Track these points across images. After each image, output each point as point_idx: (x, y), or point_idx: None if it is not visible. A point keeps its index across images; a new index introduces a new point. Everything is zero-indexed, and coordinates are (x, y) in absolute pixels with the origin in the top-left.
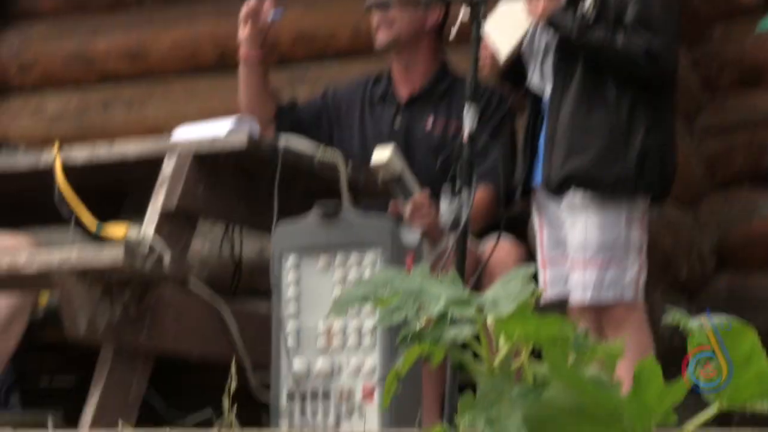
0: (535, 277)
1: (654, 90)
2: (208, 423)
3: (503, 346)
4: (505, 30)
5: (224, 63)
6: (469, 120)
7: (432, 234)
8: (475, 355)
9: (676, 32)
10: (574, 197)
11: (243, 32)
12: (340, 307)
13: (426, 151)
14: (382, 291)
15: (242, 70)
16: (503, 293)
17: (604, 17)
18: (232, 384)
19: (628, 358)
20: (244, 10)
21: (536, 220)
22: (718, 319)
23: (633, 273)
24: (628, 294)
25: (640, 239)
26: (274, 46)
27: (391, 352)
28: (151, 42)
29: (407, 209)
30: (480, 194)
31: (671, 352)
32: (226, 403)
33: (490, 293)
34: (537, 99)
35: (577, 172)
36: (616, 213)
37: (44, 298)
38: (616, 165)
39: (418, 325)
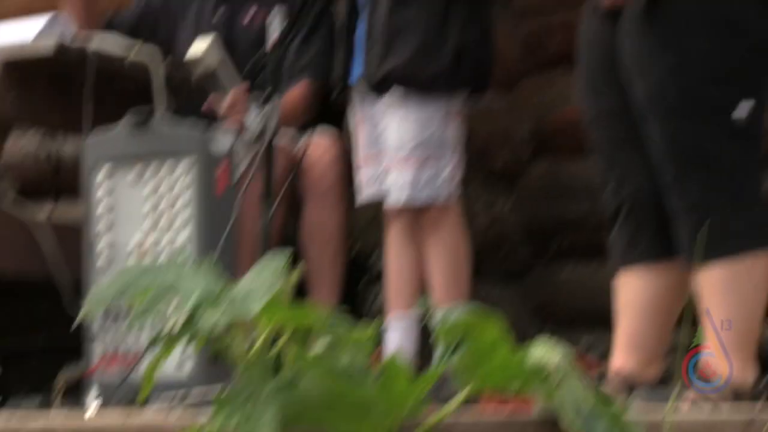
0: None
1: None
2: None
3: (258, 339)
4: None
5: None
6: (276, 25)
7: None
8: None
9: None
10: (392, 95)
11: None
12: (95, 304)
13: (247, 45)
14: (138, 285)
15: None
16: (256, 285)
17: None
18: None
19: (443, 259)
20: None
21: (355, 117)
22: (465, 310)
23: (448, 172)
24: (444, 194)
25: (456, 135)
26: None
27: None
28: None
29: (223, 105)
30: (298, 89)
31: (487, 246)
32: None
33: (243, 285)
34: None
35: (395, 71)
36: (432, 110)
37: None
38: (432, 61)
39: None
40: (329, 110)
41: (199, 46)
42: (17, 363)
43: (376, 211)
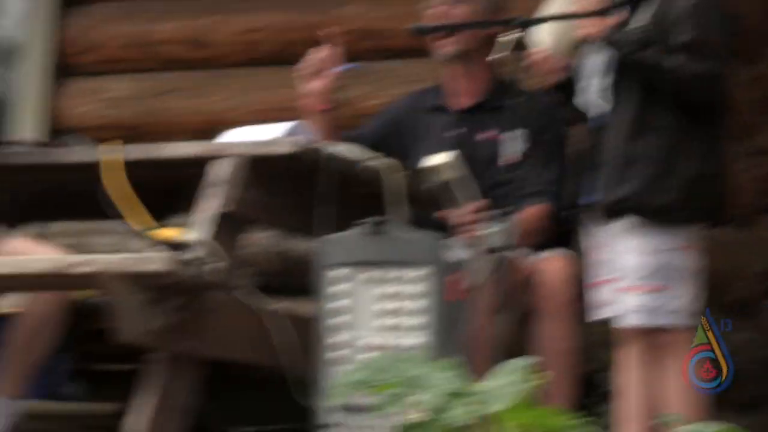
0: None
1: (707, 115)
2: None
3: None
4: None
5: (285, 55)
6: (514, 146)
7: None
8: None
9: (729, 54)
10: (627, 222)
11: (310, 85)
12: (338, 392)
13: (481, 162)
14: (383, 375)
15: (308, 120)
16: (502, 385)
17: (659, 37)
18: None
19: (680, 385)
20: (313, 61)
21: (588, 238)
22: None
23: (687, 299)
24: (682, 320)
25: (694, 265)
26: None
27: None
28: (213, 31)
29: (457, 216)
30: (535, 210)
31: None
32: None
33: (486, 385)
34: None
35: (627, 199)
36: (669, 238)
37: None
38: (667, 191)
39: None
40: (560, 231)
41: (440, 158)
42: None
43: (607, 331)
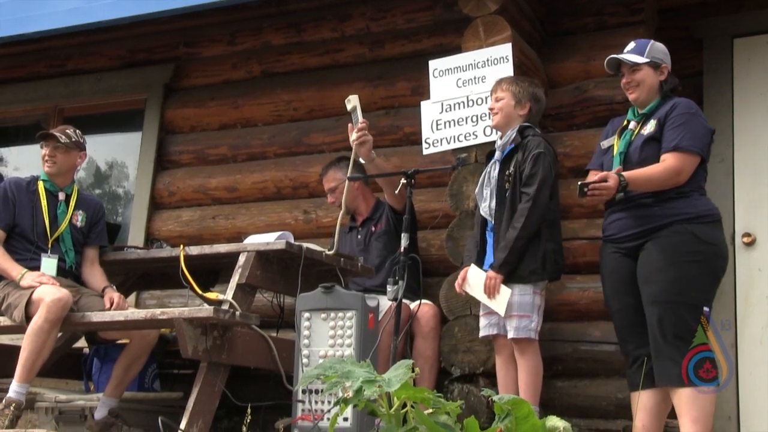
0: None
1: (551, 222)
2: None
3: (395, 403)
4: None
5: (280, 195)
6: (403, 242)
7: (366, 152)
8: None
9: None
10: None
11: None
12: (305, 379)
13: (376, 242)
14: (329, 371)
15: None
16: (394, 375)
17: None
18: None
19: (529, 369)
20: None
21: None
22: (506, 397)
23: (535, 323)
24: (534, 334)
25: (540, 304)
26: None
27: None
28: (239, 182)
29: (355, 131)
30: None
31: (549, 362)
32: None
33: (386, 375)
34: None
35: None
36: (528, 290)
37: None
38: (532, 263)
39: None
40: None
41: (351, 97)
42: (255, 414)
43: (456, 342)
